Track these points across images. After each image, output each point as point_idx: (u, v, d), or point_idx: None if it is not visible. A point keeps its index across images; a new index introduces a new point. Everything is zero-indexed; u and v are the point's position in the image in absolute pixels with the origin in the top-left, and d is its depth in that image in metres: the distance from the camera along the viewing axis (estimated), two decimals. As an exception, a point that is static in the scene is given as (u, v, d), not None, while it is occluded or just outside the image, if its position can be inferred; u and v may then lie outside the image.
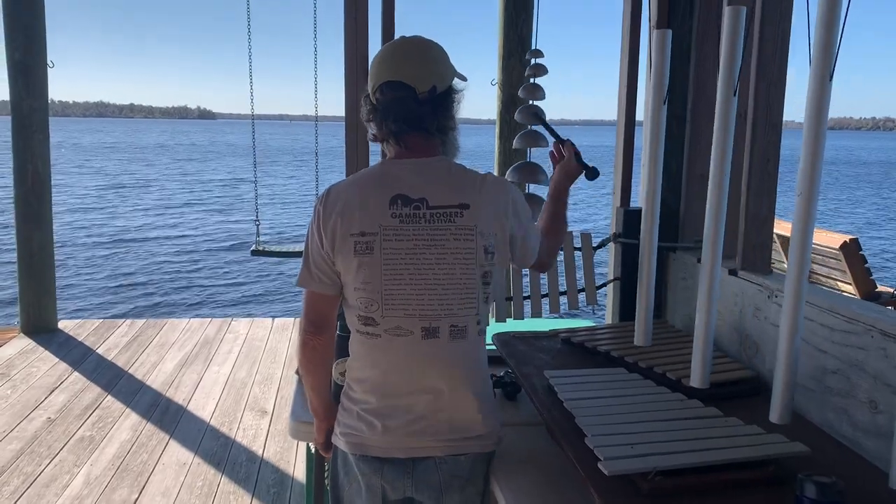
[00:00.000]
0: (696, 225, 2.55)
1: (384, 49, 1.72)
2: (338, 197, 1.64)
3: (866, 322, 1.61)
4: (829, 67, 1.25)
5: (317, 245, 1.65)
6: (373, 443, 1.66)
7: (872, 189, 33.78)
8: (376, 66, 1.68)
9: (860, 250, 5.48)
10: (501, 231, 1.63)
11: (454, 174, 1.66)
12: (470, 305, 1.62)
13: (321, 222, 1.63)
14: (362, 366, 1.69)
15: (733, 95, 1.57)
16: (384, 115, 1.64)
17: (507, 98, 5.81)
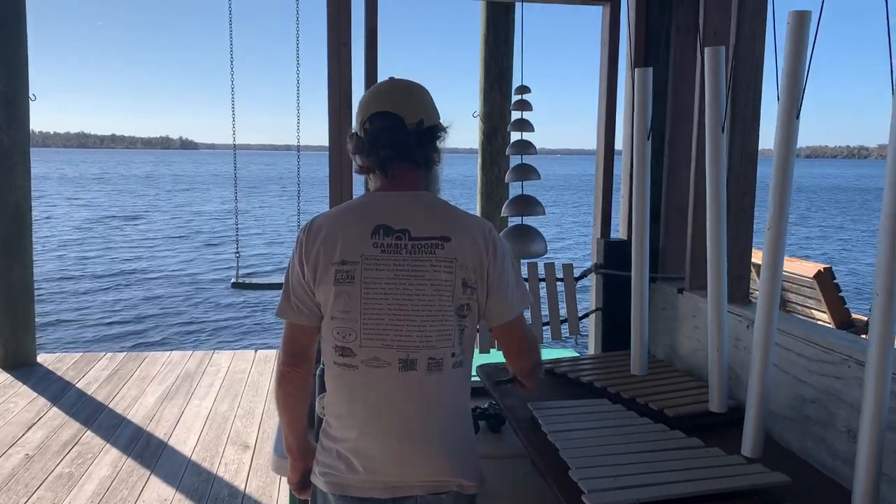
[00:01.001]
0: (676, 256, 2.59)
1: (372, 88, 1.76)
2: (320, 227, 1.64)
3: (842, 352, 1.64)
4: (795, 107, 1.30)
5: (298, 275, 1.64)
6: (352, 482, 1.63)
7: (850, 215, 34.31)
8: (365, 102, 1.72)
9: (834, 279, 5.56)
10: (482, 266, 1.62)
11: (438, 207, 1.68)
12: (446, 337, 1.60)
13: (304, 252, 1.63)
14: (339, 400, 1.67)
15: (722, 132, 1.61)
16: (372, 143, 1.66)
17: (489, 129, 5.88)
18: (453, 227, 1.62)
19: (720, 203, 1.65)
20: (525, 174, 2.56)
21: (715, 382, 1.69)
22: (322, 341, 1.68)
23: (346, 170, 2.51)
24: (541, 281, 2.65)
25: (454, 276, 1.59)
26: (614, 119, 2.76)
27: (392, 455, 1.61)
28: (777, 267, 1.37)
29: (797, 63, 1.28)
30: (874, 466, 1.22)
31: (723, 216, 1.66)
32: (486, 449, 2.09)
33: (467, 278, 1.60)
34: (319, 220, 1.68)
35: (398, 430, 1.61)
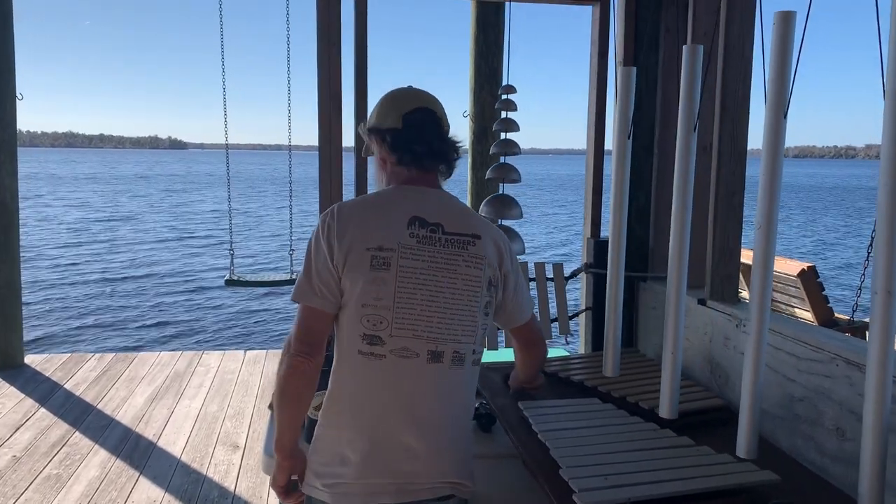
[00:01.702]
0: (666, 255, 2.60)
1: (399, 90, 1.78)
2: (351, 212, 1.64)
3: (831, 351, 1.65)
4: (783, 107, 1.30)
5: (324, 258, 1.60)
6: (358, 489, 1.58)
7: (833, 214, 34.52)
8: (400, 98, 1.73)
9: (818, 278, 5.59)
10: (501, 267, 1.68)
11: (464, 207, 1.72)
12: (471, 333, 1.62)
13: (334, 234, 1.60)
14: (357, 390, 1.61)
15: (693, 130, 1.62)
16: (416, 136, 1.68)
17: (479, 129, 5.89)
18: (481, 227, 1.67)
19: (686, 204, 1.67)
20: (505, 174, 2.56)
21: (666, 387, 1.69)
22: (340, 330, 1.63)
23: (335, 169, 2.51)
24: (531, 280, 2.65)
25: (483, 274, 1.63)
26: (604, 119, 2.77)
27: (407, 451, 1.58)
28: (768, 265, 1.38)
29: (783, 62, 1.29)
30: (878, 470, 1.22)
31: (688, 217, 1.67)
32: (476, 448, 2.09)
33: (493, 277, 1.65)
34: (347, 206, 1.66)
35: (419, 423, 1.59)
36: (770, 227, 1.36)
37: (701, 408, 2.00)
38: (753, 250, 1.39)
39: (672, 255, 1.68)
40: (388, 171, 1.72)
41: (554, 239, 22.03)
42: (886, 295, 1.18)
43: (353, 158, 2.53)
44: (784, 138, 1.32)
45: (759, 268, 1.39)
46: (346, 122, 2.54)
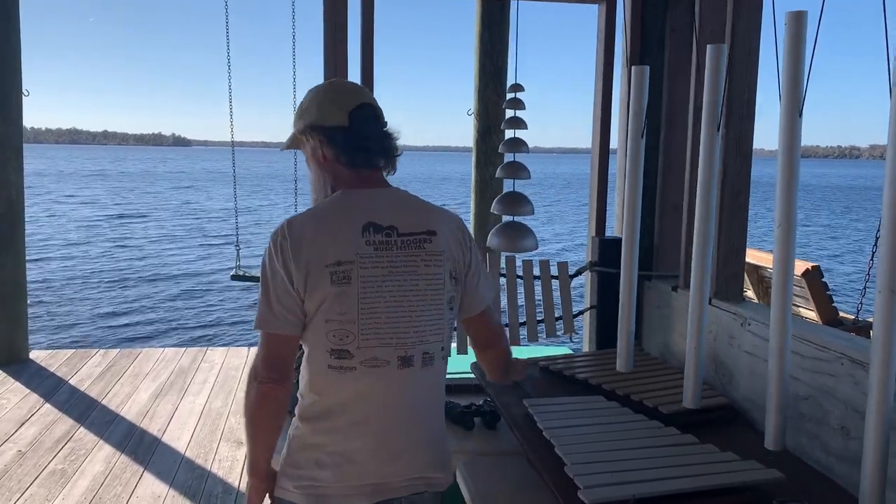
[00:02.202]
0: (671, 254, 2.60)
1: (329, 83, 1.72)
2: (303, 229, 1.57)
3: (836, 350, 1.66)
4: (798, 105, 1.31)
5: (283, 281, 1.55)
6: (334, 491, 1.58)
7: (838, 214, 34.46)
8: (342, 92, 1.66)
9: (822, 277, 5.58)
10: (463, 258, 1.65)
11: (415, 202, 1.67)
12: (438, 331, 1.61)
13: (290, 256, 1.55)
14: (328, 404, 1.59)
15: (717, 131, 1.62)
16: (366, 133, 1.62)
17: (483, 127, 5.89)
18: (435, 221, 1.63)
19: (710, 201, 1.67)
20: (515, 172, 2.56)
21: (691, 378, 1.70)
22: (308, 346, 1.60)
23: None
24: (536, 279, 2.66)
25: (443, 270, 1.60)
26: (609, 117, 2.77)
27: (384, 454, 1.59)
28: (789, 264, 1.39)
29: (796, 62, 1.29)
30: (880, 467, 1.23)
31: (712, 214, 1.67)
32: (481, 446, 2.10)
33: (453, 270, 1.62)
34: (297, 222, 1.59)
35: (394, 427, 1.59)
36: (790, 225, 1.36)
37: (705, 406, 2.01)
38: (774, 248, 1.40)
39: (696, 257, 1.67)
40: (331, 172, 1.64)
41: (560, 236, 22.05)
42: (890, 294, 1.18)
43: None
44: (800, 137, 1.33)
45: (779, 264, 1.39)
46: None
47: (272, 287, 1.57)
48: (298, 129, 1.68)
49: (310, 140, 1.65)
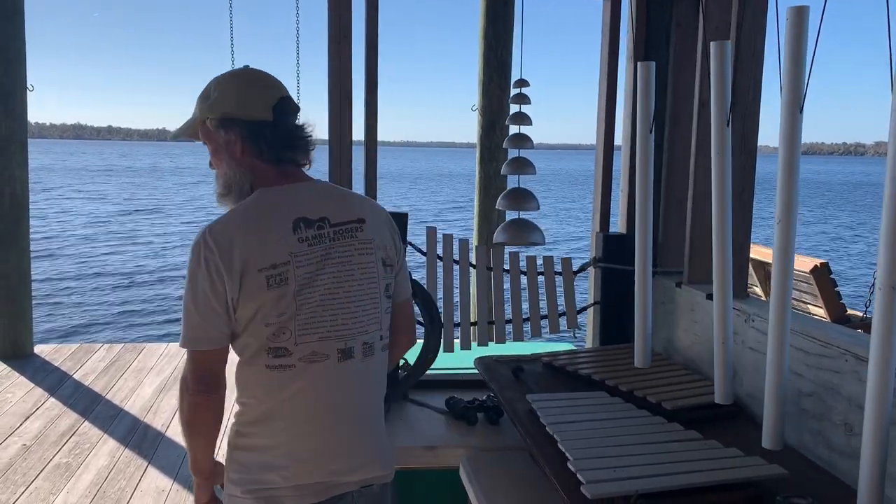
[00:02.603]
0: (675, 250, 2.60)
1: (241, 72, 1.63)
2: (232, 236, 1.50)
3: (840, 346, 1.66)
4: (798, 101, 1.30)
5: (210, 297, 1.48)
6: (285, 493, 1.55)
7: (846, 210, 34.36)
8: (264, 85, 1.60)
9: (830, 274, 5.57)
10: (394, 244, 1.65)
11: (341, 192, 1.66)
12: (377, 321, 1.59)
13: (218, 268, 1.47)
14: (270, 405, 1.55)
15: (727, 126, 1.61)
16: (289, 128, 1.59)
17: (487, 123, 5.89)
18: (363, 209, 1.62)
19: (725, 197, 1.66)
20: (521, 167, 2.56)
21: (720, 374, 1.70)
22: (243, 348, 1.55)
23: (345, 164, 2.51)
24: (539, 274, 2.66)
25: (376, 258, 1.59)
26: (614, 113, 2.76)
27: (331, 450, 1.56)
28: (788, 260, 1.38)
29: (797, 58, 1.29)
30: (878, 464, 1.23)
31: (727, 210, 1.67)
32: (484, 441, 2.11)
33: (386, 257, 1.61)
34: (220, 229, 1.51)
35: (338, 422, 1.57)
36: (790, 221, 1.36)
37: (709, 402, 2.01)
38: (773, 244, 1.40)
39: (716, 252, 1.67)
40: (249, 167, 1.57)
41: (565, 233, 22.03)
42: (890, 290, 1.18)
43: (362, 152, 2.54)
44: (801, 132, 1.33)
45: (779, 261, 1.39)
46: (356, 117, 2.54)
47: (199, 303, 1.50)
48: (210, 119, 1.58)
49: (224, 133, 1.57)
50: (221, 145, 1.58)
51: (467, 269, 2.60)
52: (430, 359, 2.31)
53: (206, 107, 1.59)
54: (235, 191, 1.59)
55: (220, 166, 1.61)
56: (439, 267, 2.56)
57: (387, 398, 2.24)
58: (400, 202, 30.68)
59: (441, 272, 2.55)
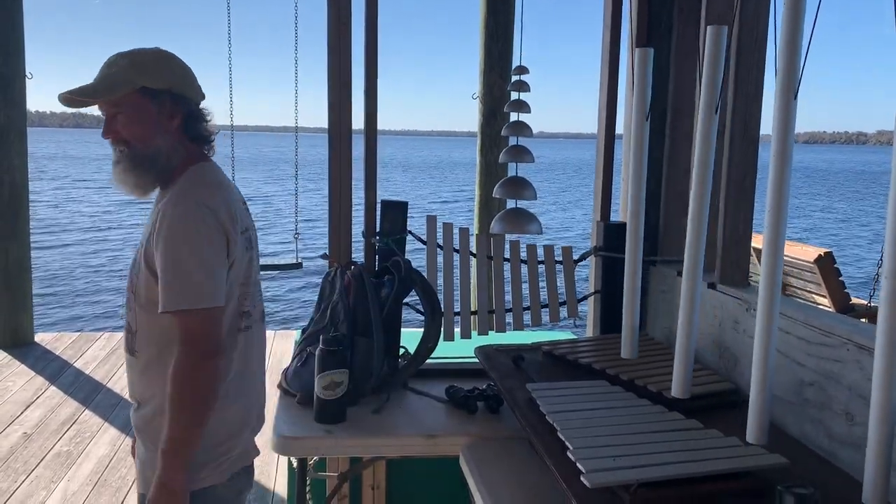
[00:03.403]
0: (676, 239, 2.59)
1: (170, 53, 1.69)
2: (221, 198, 1.63)
3: (842, 335, 1.65)
4: (793, 87, 1.29)
5: (218, 250, 1.58)
6: (252, 447, 1.77)
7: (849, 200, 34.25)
8: (188, 70, 1.68)
9: (834, 263, 5.57)
10: None
11: None
12: None
13: (220, 223, 1.58)
14: (241, 366, 1.69)
15: (714, 113, 1.60)
16: (208, 115, 1.72)
17: (488, 112, 5.87)
18: None
19: (706, 185, 1.65)
20: (519, 155, 2.54)
21: (681, 366, 1.68)
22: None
23: (345, 152, 2.50)
24: (540, 263, 2.65)
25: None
26: (615, 101, 2.74)
27: (265, 402, 1.85)
28: (778, 248, 1.37)
29: (793, 42, 1.28)
30: (883, 453, 1.22)
31: (706, 201, 1.66)
32: (484, 429, 2.10)
33: None
34: (208, 194, 1.62)
35: (264, 381, 1.85)
36: (781, 209, 1.35)
37: (710, 391, 2.00)
38: (764, 232, 1.39)
39: (689, 242, 1.66)
40: (178, 141, 1.65)
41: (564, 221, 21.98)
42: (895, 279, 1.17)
43: (361, 141, 2.53)
44: (794, 118, 1.31)
45: (769, 248, 1.38)
46: (355, 105, 2.52)
47: (212, 260, 1.56)
48: (147, 89, 1.60)
49: (161, 106, 1.62)
50: (153, 117, 1.61)
51: (467, 257, 2.59)
52: (430, 347, 2.30)
53: (146, 77, 1.60)
54: (160, 164, 1.63)
55: (143, 139, 1.61)
56: (439, 256, 2.55)
57: (387, 387, 2.25)
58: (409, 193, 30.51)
59: (441, 261, 2.55)
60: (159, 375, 1.59)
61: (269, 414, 1.93)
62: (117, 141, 1.61)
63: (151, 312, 1.60)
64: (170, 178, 1.64)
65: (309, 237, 18.21)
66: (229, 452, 1.66)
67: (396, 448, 2.12)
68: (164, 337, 1.60)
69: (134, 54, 1.62)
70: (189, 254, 1.54)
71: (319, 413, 2.06)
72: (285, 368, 2.33)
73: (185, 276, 1.53)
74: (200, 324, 1.54)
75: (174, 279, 1.53)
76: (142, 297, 1.63)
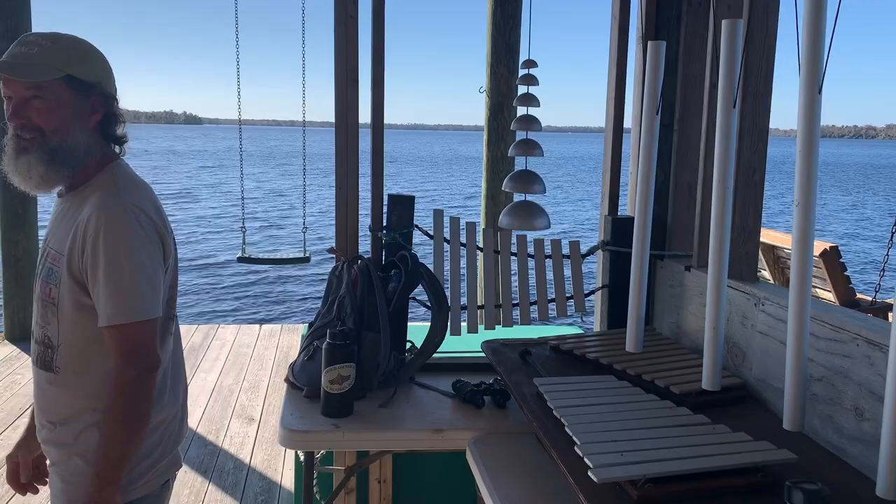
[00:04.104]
0: (684, 233, 2.58)
1: (90, 43, 1.59)
2: (153, 204, 1.58)
3: (852, 330, 1.64)
4: (817, 81, 1.28)
5: (156, 258, 1.53)
6: (178, 457, 1.74)
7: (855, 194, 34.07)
8: (111, 69, 1.62)
9: (840, 258, 5.53)
10: None
11: None
12: None
13: (158, 229, 1.54)
14: (174, 371, 1.68)
15: (733, 107, 1.59)
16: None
17: (495, 105, 5.84)
18: None
19: (727, 179, 1.64)
20: (528, 149, 2.53)
21: (710, 360, 1.68)
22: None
23: (352, 145, 2.49)
24: (547, 258, 2.64)
25: None
26: (623, 95, 2.73)
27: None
28: (808, 242, 1.36)
29: (816, 35, 1.26)
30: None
31: (729, 193, 1.65)
32: (491, 424, 2.10)
33: None
34: (142, 197, 1.57)
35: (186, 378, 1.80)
36: (809, 203, 1.34)
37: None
38: (793, 227, 1.37)
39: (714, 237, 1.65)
40: (92, 139, 1.55)
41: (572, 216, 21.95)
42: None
43: (368, 135, 2.52)
44: (820, 114, 1.30)
45: (798, 244, 1.37)
46: (361, 97, 2.51)
47: (152, 270, 1.50)
48: (83, 79, 1.51)
49: (86, 97, 1.52)
50: (74, 109, 1.51)
51: (474, 252, 2.59)
52: (437, 342, 2.30)
53: (77, 66, 1.50)
54: (76, 160, 1.52)
55: (62, 130, 1.49)
56: (446, 250, 2.54)
57: (393, 381, 2.25)
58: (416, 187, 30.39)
59: (448, 255, 2.54)
60: (87, 391, 1.53)
61: (277, 407, 1.93)
62: (27, 128, 1.47)
63: (78, 325, 1.52)
64: (82, 175, 1.55)
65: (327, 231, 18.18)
66: (162, 460, 1.62)
67: (403, 442, 2.12)
68: (91, 349, 1.53)
69: (60, 39, 1.51)
70: (129, 264, 1.46)
71: (326, 407, 2.06)
72: (292, 362, 2.33)
73: (128, 288, 1.46)
74: (142, 336, 1.48)
75: (116, 291, 1.45)
76: (66, 310, 1.53)
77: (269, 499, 3.52)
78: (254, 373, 5.27)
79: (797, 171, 1.34)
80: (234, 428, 4.31)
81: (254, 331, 6.37)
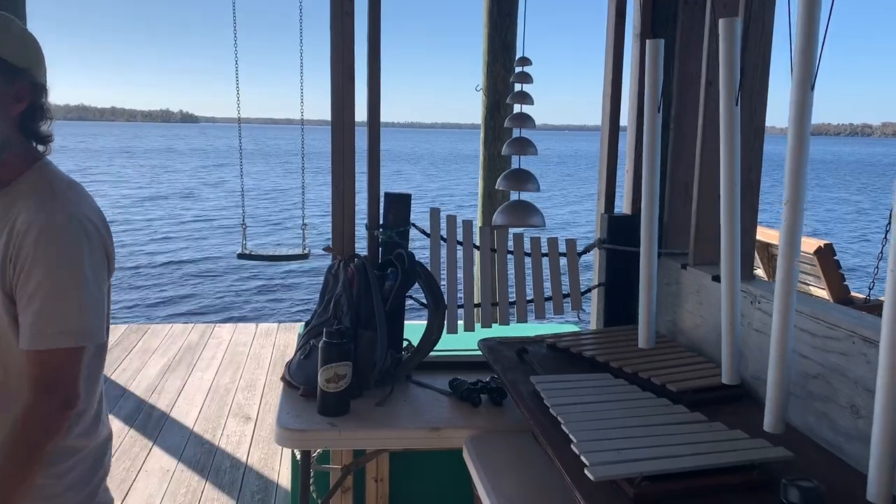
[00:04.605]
0: (680, 231, 2.58)
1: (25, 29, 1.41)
2: (90, 206, 1.39)
3: (847, 328, 1.64)
4: (810, 78, 1.28)
5: (100, 276, 1.36)
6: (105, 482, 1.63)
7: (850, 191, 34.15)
8: (44, 57, 1.41)
9: (834, 255, 5.54)
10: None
11: None
12: None
13: (103, 243, 1.39)
14: (96, 400, 1.54)
15: (735, 105, 1.59)
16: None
17: (491, 103, 5.84)
18: None
19: (734, 178, 1.64)
20: (522, 147, 2.53)
21: (728, 355, 1.69)
22: None
23: (348, 143, 2.49)
24: (544, 256, 2.64)
25: None
26: (620, 93, 2.73)
27: None
28: (795, 242, 1.36)
29: (809, 32, 1.27)
30: (888, 446, 1.21)
31: (737, 191, 1.65)
32: (487, 422, 2.10)
33: None
34: (76, 200, 1.38)
35: None
36: (798, 202, 1.34)
37: (714, 384, 2.00)
38: (781, 225, 1.38)
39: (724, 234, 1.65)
40: (11, 133, 1.34)
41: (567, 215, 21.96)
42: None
43: (364, 133, 2.52)
44: (811, 111, 1.30)
45: (786, 244, 1.37)
46: (358, 96, 2.51)
47: (94, 291, 1.33)
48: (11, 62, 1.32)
49: (12, 84, 1.33)
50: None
51: (471, 250, 2.59)
52: (434, 340, 2.30)
53: (6, 48, 1.32)
54: None
55: None
56: (443, 248, 2.54)
57: (390, 379, 2.25)
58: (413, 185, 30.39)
59: (444, 253, 2.54)
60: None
61: (273, 406, 1.91)
62: None
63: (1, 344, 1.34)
64: (3, 173, 1.36)
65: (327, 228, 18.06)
66: (101, 483, 1.58)
67: (400, 441, 2.12)
68: (6, 370, 1.36)
69: None
70: (70, 279, 1.29)
71: (323, 406, 2.06)
72: (289, 361, 2.33)
73: (66, 309, 1.28)
74: (69, 365, 1.30)
75: (52, 311, 1.27)
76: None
77: (265, 497, 3.52)
78: (250, 371, 5.27)
79: (787, 169, 1.34)
80: (230, 427, 4.31)
81: (250, 329, 6.37)
